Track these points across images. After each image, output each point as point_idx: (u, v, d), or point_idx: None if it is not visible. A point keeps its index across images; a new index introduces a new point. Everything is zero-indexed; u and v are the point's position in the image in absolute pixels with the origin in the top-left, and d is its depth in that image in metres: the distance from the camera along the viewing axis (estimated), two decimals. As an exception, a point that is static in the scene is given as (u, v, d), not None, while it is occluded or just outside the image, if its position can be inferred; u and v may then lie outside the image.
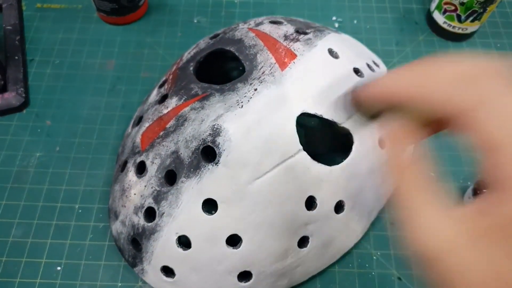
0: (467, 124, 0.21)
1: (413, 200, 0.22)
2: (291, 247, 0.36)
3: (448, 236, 0.20)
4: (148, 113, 0.40)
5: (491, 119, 0.20)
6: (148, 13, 0.58)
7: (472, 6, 0.50)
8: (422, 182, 0.22)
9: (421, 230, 0.21)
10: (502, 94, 0.21)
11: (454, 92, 0.21)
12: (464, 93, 0.21)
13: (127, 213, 0.38)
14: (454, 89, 0.21)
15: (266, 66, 0.36)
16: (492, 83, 0.21)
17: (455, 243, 0.20)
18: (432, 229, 0.21)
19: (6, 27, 0.54)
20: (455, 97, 0.21)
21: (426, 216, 0.21)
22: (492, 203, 0.20)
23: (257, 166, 0.33)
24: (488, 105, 0.20)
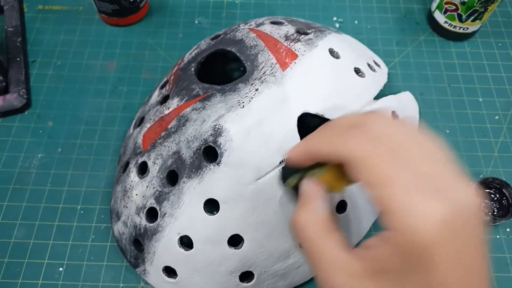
0: (353, 171, 0.23)
1: (316, 247, 0.24)
2: (292, 247, 0.36)
3: (353, 276, 0.22)
4: (150, 114, 0.40)
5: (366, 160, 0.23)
6: (149, 15, 0.58)
7: (473, 5, 0.50)
8: (324, 229, 0.25)
9: (326, 274, 0.23)
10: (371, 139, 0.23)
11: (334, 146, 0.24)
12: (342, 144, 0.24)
13: (129, 213, 0.38)
14: (333, 143, 0.25)
15: (267, 67, 0.36)
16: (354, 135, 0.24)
17: (358, 282, 0.22)
18: (333, 272, 0.23)
19: (7, 28, 0.54)
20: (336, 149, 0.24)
21: (330, 260, 0.23)
22: (376, 245, 0.22)
23: (259, 166, 0.33)
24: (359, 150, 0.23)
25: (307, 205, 0.26)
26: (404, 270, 0.21)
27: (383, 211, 0.22)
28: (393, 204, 0.21)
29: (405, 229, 0.20)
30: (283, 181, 0.33)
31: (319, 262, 0.24)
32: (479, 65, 0.54)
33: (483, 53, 0.55)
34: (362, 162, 0.23)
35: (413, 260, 0.20)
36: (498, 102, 0.52)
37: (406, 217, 0.20)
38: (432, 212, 0.20)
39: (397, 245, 0.21)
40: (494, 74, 0.54)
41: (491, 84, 0.53)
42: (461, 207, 0.21)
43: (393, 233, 0.21)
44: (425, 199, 0.21)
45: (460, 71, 0.54)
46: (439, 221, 0.20)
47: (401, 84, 0.53)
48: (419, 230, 0.20)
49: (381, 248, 0.22)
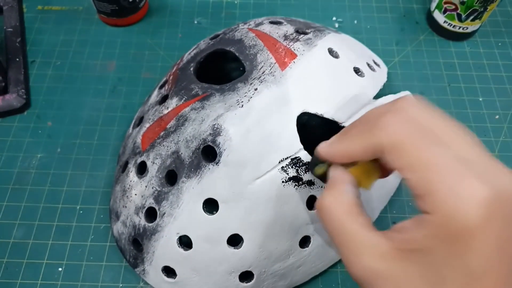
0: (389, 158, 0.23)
1: (342, 229, 0.24)
2: (292, 247, 0.36)
3: (381, 257, 0.22)
4: (149, 114, 0.40)
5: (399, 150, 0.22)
6: (149, 15, 0.58)
7: (472, 5, 0.50)
8: (350, 211, 0.24)
9: (353, 255, 0.23)
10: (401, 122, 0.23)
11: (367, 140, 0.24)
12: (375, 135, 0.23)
13: (128, 213, 0.38)
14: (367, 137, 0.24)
15: (266, 66, 0.36)
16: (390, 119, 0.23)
17: (386, 264, 0.22)
18: (361, 253, 0.22)
19: (7, 29, 0.54)
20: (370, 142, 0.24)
21: (357, 242, 0.23)
22: (409, 227, 0.22)
23: (258, 165, 0.33)
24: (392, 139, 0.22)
25: (334, 188, 0.26)
26: (441, 253, 0.20)
27: (421, 194, 0.21)
28: (434, 187, 0.20)
29: (446, 210, 0.20)
30: (310, 168, 0.32)
31: (346, 243, 0.23)
32: (479, 65, 0.54)
33: (482, 53, 0.55)
34: (399, 146, 0.22)
35: (452, 243, 0.20)
36: (499, 101, 0.52)
37: (448, 198, 0.20)
38: (475, 194, 0.20)
39: (436, 227, 0.20)
40: (494, 74, 0.54)
41: (491, 84, 0.53)
42: (505, 191, 0.20)
43: (432, 215, 0.20)
44: (468, 181, 0.20)
45: (460, 71, 0.54)
46: (482, 204, 0.19)
47: (401, 84, 0.53)
48: (461, 211, 0.19)
49: (416, 230, 0.21)
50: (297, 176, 0.34)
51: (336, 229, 0.24)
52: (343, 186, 0.25)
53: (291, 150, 0.34)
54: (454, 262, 0.20)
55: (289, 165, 0.34)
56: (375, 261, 0.22)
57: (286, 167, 0.33)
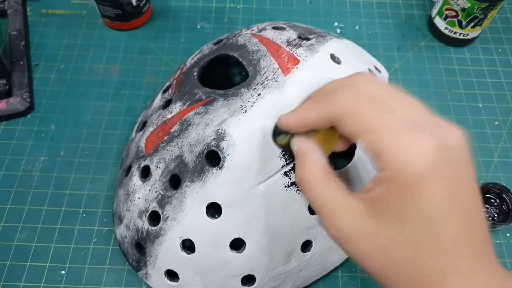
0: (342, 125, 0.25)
1: (319, 193, 0.26)
2: (294, 251, 0.36)
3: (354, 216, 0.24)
4: (152, 118, 0.40)
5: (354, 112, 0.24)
6: (152, 19, 0.58)
7: (473, 12, 0.51)
8: (324, 177, 0.26)
9: (331, 217, 0.25)
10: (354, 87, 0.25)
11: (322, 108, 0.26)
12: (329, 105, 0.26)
13: (131, 217, 0.38)
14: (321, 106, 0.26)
15: (269, 71, 0.36)
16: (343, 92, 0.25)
17: (360, 221, 0.23)
18: (337, 214, 0.24)
19: (11, 32, 0.54)
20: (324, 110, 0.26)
21: (331, 203, 0.25)
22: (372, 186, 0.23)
23: (261, 170, 0.33)
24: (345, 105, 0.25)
25: (304, 159, 0.27)
26: (398, 205, 0.22)
27: (374, 155, 0.23)
28: (383, 145, 0.22)
29: (397, 164, 0.22)
30: (273, 138, 0.33)
31: (323, 207, 0.25)
32: (479, 71, 0.55)
33: (483, 59, 0.56)
34: (351, 115, 0.24)
35: (405, 193, 0.21)
36: (498, 107, 0.52)
37: (396, 154, 0.22)
38: (421, 146, 0.21)
39: (390, 181, 0.22)
40: (494, 80, 0.54)
41: (491, 90, 0.53)
42: (450, 142, 0.22)
43: (385, 171, 0.22)
44: (414, 137, 0.22)
45: (460, 77, 0.54)
46: (428, 154, 0.21)
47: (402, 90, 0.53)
48: (410, 163, 0.21)
49: (377, 188, 0.23)
50: (299, 181, 0.34)
51: (314, 197, 0.26)
52: (313, 156, 0.27)
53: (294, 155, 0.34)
54: (411, 211, 0.22)
55: (292, 170, 0.34)
56: (349, 220, 0.24)
57: (288, 172, 0.34)
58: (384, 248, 0.23)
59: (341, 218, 0.24)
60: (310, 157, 0.27)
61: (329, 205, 0.25)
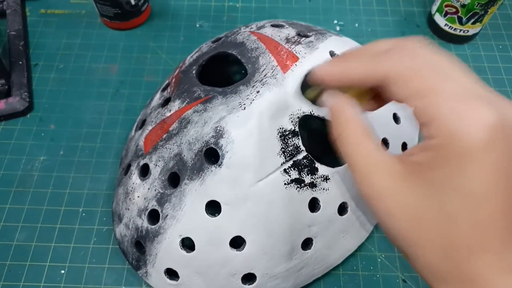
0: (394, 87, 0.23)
1: (357, 150, 0.24)
2: (295, 249, 0.36)
3: (392, 176, 0.23)
4: (151, 117, 0.40)
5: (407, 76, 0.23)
6: (151, 18, 0.58)
7: (473, 8, 0.50)
8: (362, 133, 0.25)
9: (366, 174, 0.24)
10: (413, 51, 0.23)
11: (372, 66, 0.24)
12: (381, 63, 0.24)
13: (130, 215, 0.38)
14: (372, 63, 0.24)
15: (268, 69, 0.36)
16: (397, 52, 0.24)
17: (396, 182, 0.23)
18: (372, 172, 0.23)
19: (10, 32, 0.54)
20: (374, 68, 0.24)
21: (371, 162, 0.24)
22: (416, 151, 0.22)
23: (260, 167, 0.33)
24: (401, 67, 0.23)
25: (342, 114, 0.26)
26: (444, 174, 0.21)
27: (426, 121, 0.22)
28: (437, 111, 0.21)
29: (450, 132, 0.20)
30: (301, 91, 0.31)
31: (359, 163, 0.24)
32: (479, 68, 0.55)
33: (483, 56, 0.56)
34: (405, 76, 0.23)
35: (454, 164, 0.20)
36: (499, 104, 0.52)
37: (452, 121, 0.20)
38: (479, 118, 0.20)
39: (439, 150, 0.21)
40: (494, 77, 0.54)
41: (492, 86, 0.53)
42: (509, 118, 0.21)
43: (436, 139, 0.21)
44: (472, 105, 0.20)
45: (461, 74, 0.54)
46: (486, 127, 0.20)
47: (402, 87, 0.53)
48: (464, 133, 0.20)
49: (422, 153, 0.22)
50: (299, 178, 0.34)
51: (351, 152, 0.25)
52: (351, 111, 0.26)
53: (293, 152, 0.34)
54: (456, 183, 0.21)
55: (291, 167, 0.34)
56: (386, 179, 0.23)
57: (288, 169, 0.34)
58: (417, 212, 0.22)
59: (378, 176, 0.23)
60: (348, 112, 0.26)
61: (367, 161, 0.24)
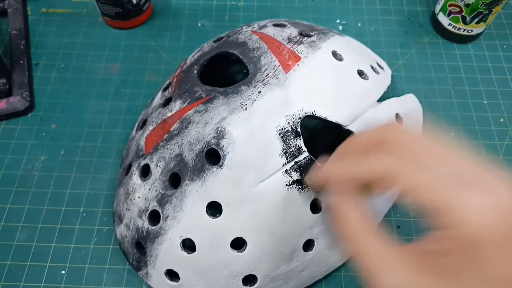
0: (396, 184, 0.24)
1: (362, 245, 0.24)
2: (296, 250, 0.36)
3: (397, 273, 0.22)
4: (152, 116, 0.40)
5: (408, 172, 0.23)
6: (153, 17, 0.58)
7: (477, 7, 0.50)
8: (368, 227, 0.25)
9: (374, 271, 0.23)
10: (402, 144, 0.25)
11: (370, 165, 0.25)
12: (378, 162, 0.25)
13: (131, 216, 0.38)
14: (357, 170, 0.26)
15: (270, 69, 0.36)
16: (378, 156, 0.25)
17: (407, 277, 0.22)
18: (383, 268, 0.23)
19: (11, 31, 0.54)
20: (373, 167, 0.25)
21: (376, 257, 0.23)
22: (430, 240, 0.22)
23: (261, 168, 0.33)
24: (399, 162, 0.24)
25: (342, 214, 0.26)
26: (464, 265, 0.21)
27: (432, 214, 0.22)
28: (442, 204, 0.21)
29: (460, 224, 0.21)
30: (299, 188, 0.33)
31: (367, 259, 0.24)
32: (483, 67, 0.54)
33: (487, 55, 0.55)
34: (393, 178, 0.23)
35: (473, 254, 0.21)
36: (503, 104, 0.51)
37: (459, 212, 0.21)
38: (481, 203, 0.21)
39: (454, 241, 0.21)
40: (499, 76, 0.53)
41: (496, 87, 0.53)
42: (502, 197, 0.21)
43: (447, 231, 0.21)
44: (470, 193, 0.21)
45: (465, 74, 0.54)
46: (493, 210, 0.20)
47: (405, 87, 0.52)
48: (474, 222, 0.20)
49: (435, 245, 0.22)
50: (300, 179, 0.34)
51: (357, 248, 0.25)
52: (351, 209, 0.26)
53: (295, 153, 0.34)
54: (474, 271, 0.21)
55: (293, 168, 0.33)
56: (398, 275, 0.22)
57: (289, 170, 0.33)
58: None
59: (388, 272, 0.23)
60: (348, 211, 0.26)
61: (374, 257, 0.24)
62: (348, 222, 0.26)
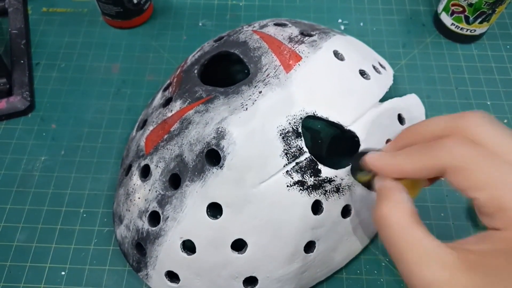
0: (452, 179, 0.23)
1: (404, 236, 0.23)
2: (297, 251, 0.35)
3: (445, 267, 0.21)
4: (153, 117, 0.40)
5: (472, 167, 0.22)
6: (153, 17, 0.58)
7: (480, 7, 0.49)
8: (411, 219, 0.23)
9: (416, 264, 0.22)
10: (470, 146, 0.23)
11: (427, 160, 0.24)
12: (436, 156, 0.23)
13: (131, 217, 0.38)
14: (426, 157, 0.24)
15: (270, 69, 0.35)
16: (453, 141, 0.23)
17: (451, 274, 0.21)
18: (427, 264, 0.21)
19: (12, 31, 0.54)
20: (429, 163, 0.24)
21: (420, 250, 0.22)
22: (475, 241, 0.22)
23: (262, 169, 0.33)
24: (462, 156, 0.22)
25: (390, 197, 0.25)
26: (509, 269, 0.20)
27: (490, 212, 0.21)
28: (505, 204, 0.20)
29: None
30: (352, 173, 0.31)
31: (409, 252, 0.22)
32: (486, 68, 0.54)
33: (490, 56, 0.55)
34: (465, 168, 0.22)
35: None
36: (507, 105, 0.51)
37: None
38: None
39: (507, 242, 0.20)
40: (502, 77, 0.53)
41: (499, 87, 0.52)
42: None
43: (502, 232, 0.21)
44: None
45: (468, 74, 0.53)
46: None
47: (408, 87, 0.52)
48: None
49: (484, 245, 0.21)
50: (302, 180, 0.33)
51: (397, 238, 0.23)
52: (400, 195, 0.25)
53: (296, 154, 0.33)
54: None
55: (294, 169, 0.33)
56: (438, 271, 0.21)
57: (290, 171, 0.33)
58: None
59: (429, 268, 0.21)
60: (396, 196, 0.25)
61: (415, 251, 0.22)
62: (396, 209, 0.24)
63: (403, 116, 0.40)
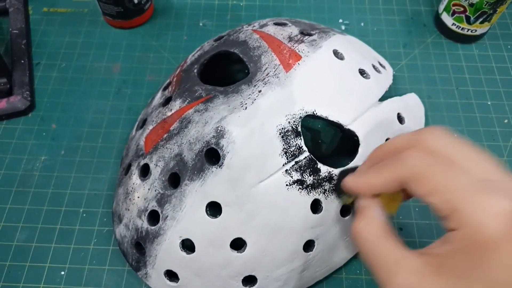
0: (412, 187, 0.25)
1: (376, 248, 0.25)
2: (296, 251, 0.35)
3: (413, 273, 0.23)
4: (152, 116, 0.40)
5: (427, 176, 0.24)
6: (154, 17, 0.58)
7: (481, 7, 0.49)
8: (382, 232, 0.26)
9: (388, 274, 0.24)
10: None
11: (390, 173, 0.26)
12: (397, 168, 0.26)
13: (130, 216, 0.38)
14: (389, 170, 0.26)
15: (270, 68, 0.35)
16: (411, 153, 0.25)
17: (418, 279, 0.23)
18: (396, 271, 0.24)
19: (12, 30, 0.54)
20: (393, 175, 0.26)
21: (390, 260, 0.24)
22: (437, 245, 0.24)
23: (262, 168, 0.33)
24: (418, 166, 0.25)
25: (364, 214, 0.28)
26: (467, 266, 0.21)
27: (446, 215, 0.23)
28: (457, 205, 0.22)
29: (471, 224, 0.21)
30: (338, 196, 0.34)
31: (381, 263, 0.25)
32: (487, 68, 0.54)
33: (491, 56, 0.55)
34: (421, 177, 0.24)
35: (476, 255, 0.21)
36: (508, 105, 0.51)
37: (472, 214, 0.22)
38: (497, 208, 0.21)
39: (461, 241, 0.22)
40: (503, 77, 0.53)
41: (500, 87, 0.52)
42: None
43: (457, 231, 0.22)
44: (488, 197, 0.22)
45: (468, 74, 0.53)
46: (504, 216, 0.21)
47: (408, 87, 0.52)
48: (484, 224, 0.21)
49: (443, 247, 0.23)
50: (301, 179, 0.33)
51: (370, 251, 0.26)
52: (373, 211, 0.27)
53: (295, 153, 0.33)
54: (479, 274, 0.21)
55: (293, 168, 0.33)
56: (409, 278, 0.23)
57: (290, 170, 0.33)
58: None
59: (399, 275, 0.24)
60: (370, 212, 0.27)
61: (386, 261, 0.25)
62: (369, 225, 0.27)
63: (403, 115, 0.40)
